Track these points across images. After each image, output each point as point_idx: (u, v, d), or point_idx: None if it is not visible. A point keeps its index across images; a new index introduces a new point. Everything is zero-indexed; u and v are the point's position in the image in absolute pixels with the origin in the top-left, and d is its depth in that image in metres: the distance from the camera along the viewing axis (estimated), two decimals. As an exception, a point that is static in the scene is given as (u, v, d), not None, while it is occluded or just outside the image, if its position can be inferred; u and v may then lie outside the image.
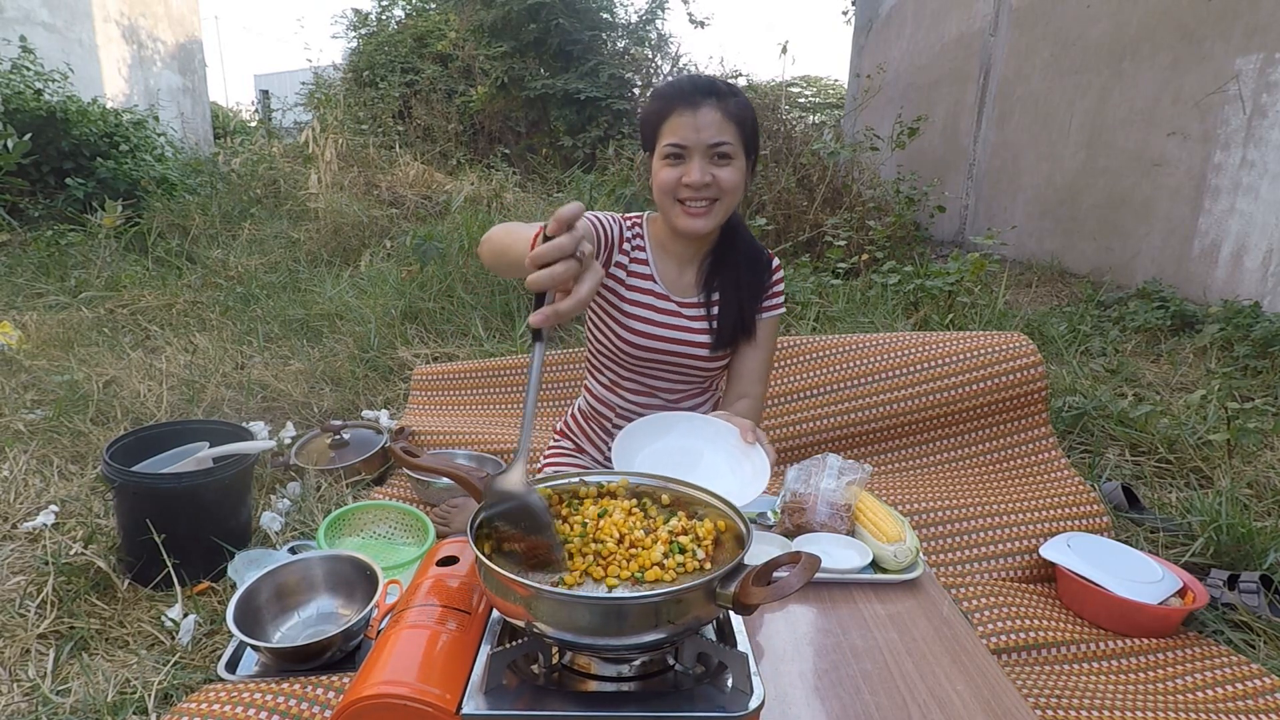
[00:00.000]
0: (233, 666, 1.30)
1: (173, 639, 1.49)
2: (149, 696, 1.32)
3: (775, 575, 0.65)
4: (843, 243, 4.66)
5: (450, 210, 5.37)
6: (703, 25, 14.24)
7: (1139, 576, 1.58)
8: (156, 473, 1.67)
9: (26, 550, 1.75)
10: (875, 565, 1.06)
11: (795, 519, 1.14)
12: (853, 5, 10.12)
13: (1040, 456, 2.11)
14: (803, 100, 13.50)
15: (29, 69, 6.07)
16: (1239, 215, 3.89)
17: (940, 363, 2.18)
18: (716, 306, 1.37)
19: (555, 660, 0.70)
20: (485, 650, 0.71)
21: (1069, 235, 5.31)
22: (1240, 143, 3.89)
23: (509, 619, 0.69)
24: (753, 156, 1.32)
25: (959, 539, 1.77)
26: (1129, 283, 4.62)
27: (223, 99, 20.43)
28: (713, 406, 1.50)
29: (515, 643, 0.68)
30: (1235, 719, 1.31)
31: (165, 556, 1.59)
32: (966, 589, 1.60)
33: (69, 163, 5.73)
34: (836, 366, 2.27)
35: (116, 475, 1.61)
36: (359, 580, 1.41)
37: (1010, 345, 2.17)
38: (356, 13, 10.51)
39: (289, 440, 2.44)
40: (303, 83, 9.54)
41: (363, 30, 10.33)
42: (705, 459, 1.12)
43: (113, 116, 6.23)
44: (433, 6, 10.50)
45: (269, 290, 4.18)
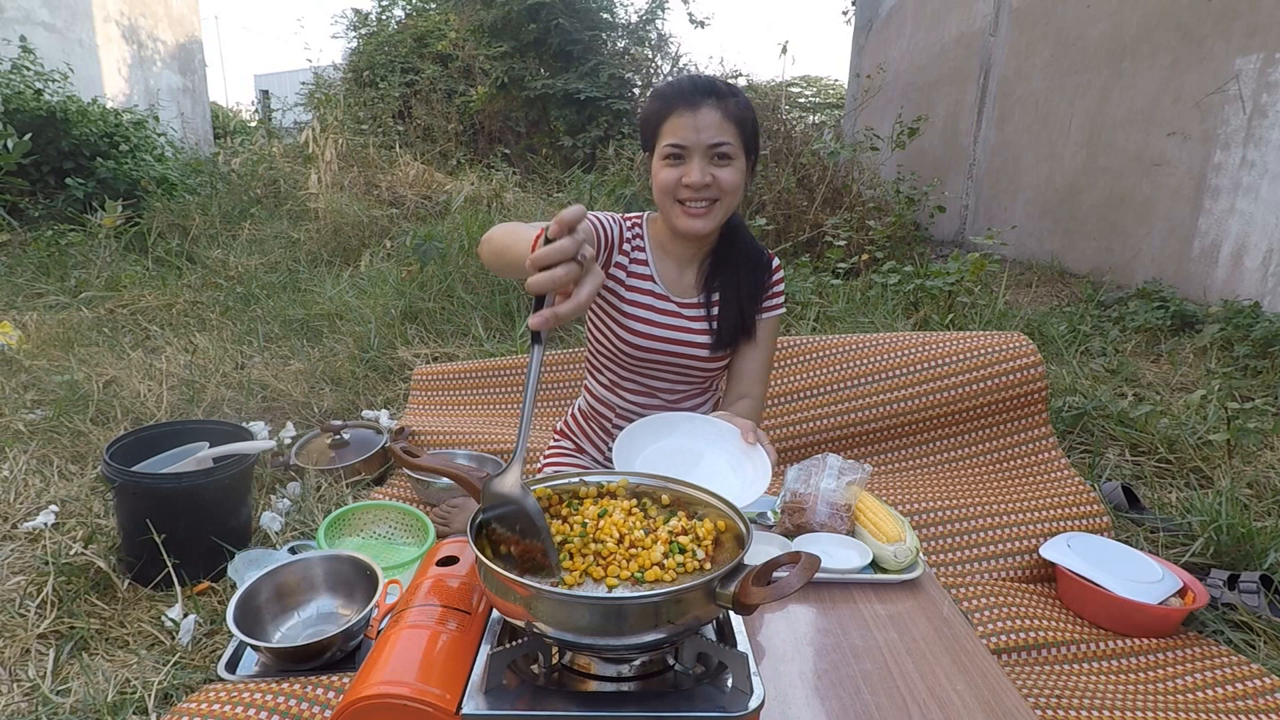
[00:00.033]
0: (233, 666, 1.30)
1: (173, 639, 1.49)
2: (149, 696, 1.32)
3: (775, 575, 0.65)
4: (843, 243, 4.66)
5: (450, 210, 5.37)
6: (703, 25, 14.23)
7: (1139, 576, 1.58)
8: (156, 473, 1.67)
9: (26, 550, 1.75)
10: (875, 565, 1.06)
11: (795, 519, 1.14)
12: (853, 5, 10.12)
13: (1040, 456, 2.11)
14: (803, 100, 13.49)
15: (29, 69, 6.08)
16: (1239, 215, 3.89)
17: (940, 363, 2.18)
18: (716, 307, 1.37)
19: (555, 660, 0.70)
20: (485, 650, 0.71)
21: (1069, 235, 5.31)
22: (1240, 143, 3.89)
23: (509, 619, 0.69)
24: (753, 157, 1.32)
25: (959, 539, 1.77)
26: (1129, 283, 4.62)
27: (223, 99, 20.47)
28: (713, 407, 1.50)
29: (515, 643, 0.68)
30: (1235, 719, 1.31)
31: (165, 556, 1.59)
32: (966, 589, 1.60)
33: (69, 163, 5.73)
34: (836, 366, 2.28)
35: (116, 475, 1.61)
36: (359, 580, 1.41)
37: (1010, 345, 2.17)
38: (356, 13, 10.51)
39: (289, 440, 2.44)
40: (303, 83, 9.53)
41: (363, 30, 10.33)
42: (706, 460, 1.12)
43: (113, 116, 6.24)
44: (433, 6, 10.50)
45: (269, 290, 4.18)
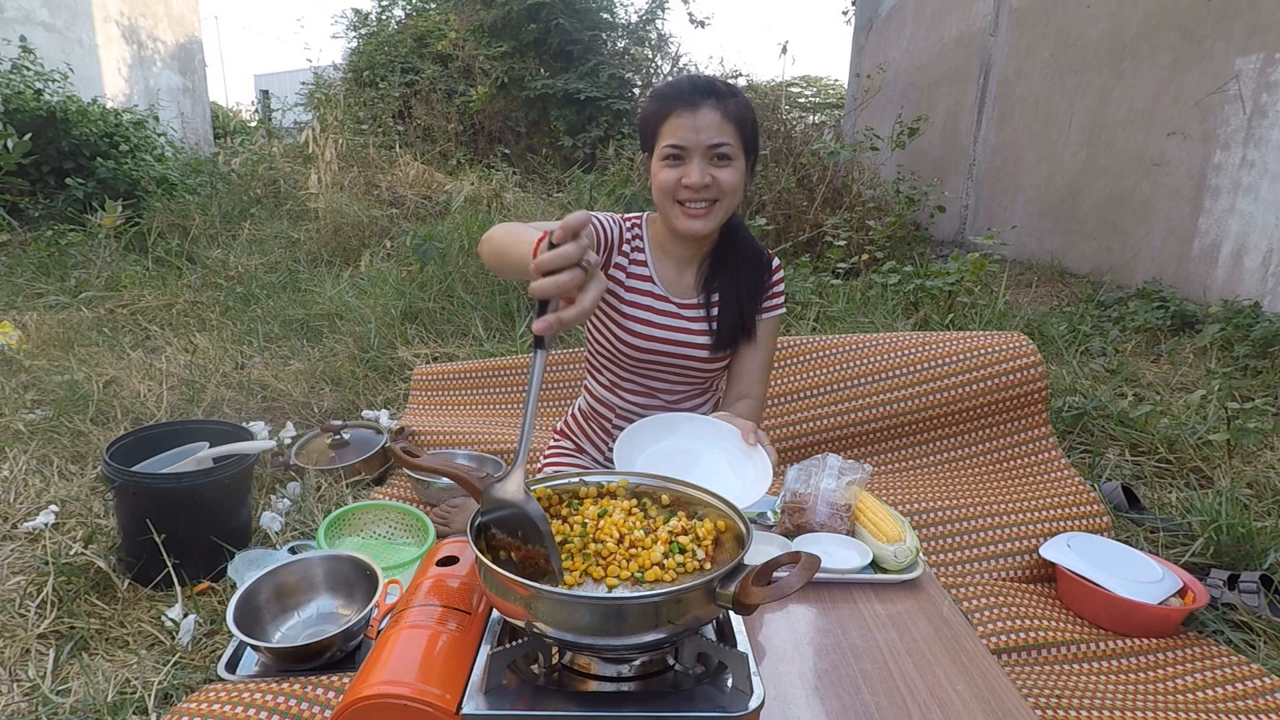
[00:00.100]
0: (233, 666, 1.30)
1: (173, 639, 1.49)
2: (149, 696, 1.32)
3: (775, 575, 0.65)
4: (843, 243, 4.66)
5: (450, 210, 5.37)
6: (703, 25, 14.22)
7: (1139, 576, 1.58)
8: (156, 473, 1.67)
9: (26, 550, 1.75)
10: (875, 565, 1.06)
11: (795, 519, 1.14)
12: (853, 5, 10.12)
13: (1040, 456, 2.11)
14: (803, 100, 13.48)
15: (29, 69, 6.07)
16: (1239, 215, 3.89)
17: (940, 363, 2.18)
18: (716, 308, 1.37)
19: (555, 660, 0.70)
20: (485, 650, 0.71)
21: (1069, 235, 5.31)
22: (1240, 143, 3.89)
23: (509, 619, 0.69)
24: (753, 157, 1.32)
25: (959, 539, 1.77)
26: (1129, 283, 4.62)
27: (223, 99, 20.46)
28: (713, 407, 1.50)
29: (515, 643, 0.68)
30: (1235, 719, 1.31)
31: (165, 556, 1.59)
32: (966, 589, 1.60)
33: (69, 163, 5.73)
34: (836, 366, 2.28)
35: (116, 475, 1.61)
36: (359, 580, 1.41)
37: (1010, 345, 2.17)
38: (356, 13, 10.52)
39: (289, 440, 2.44)
40: (303, 83, 9.53)
41: (363, 30, 10.33)
42: (707, 460, 1.12)
43: (113, 116, 6.24)
44: (433, 6, 10.50)
45: (269, 290, 4.18)
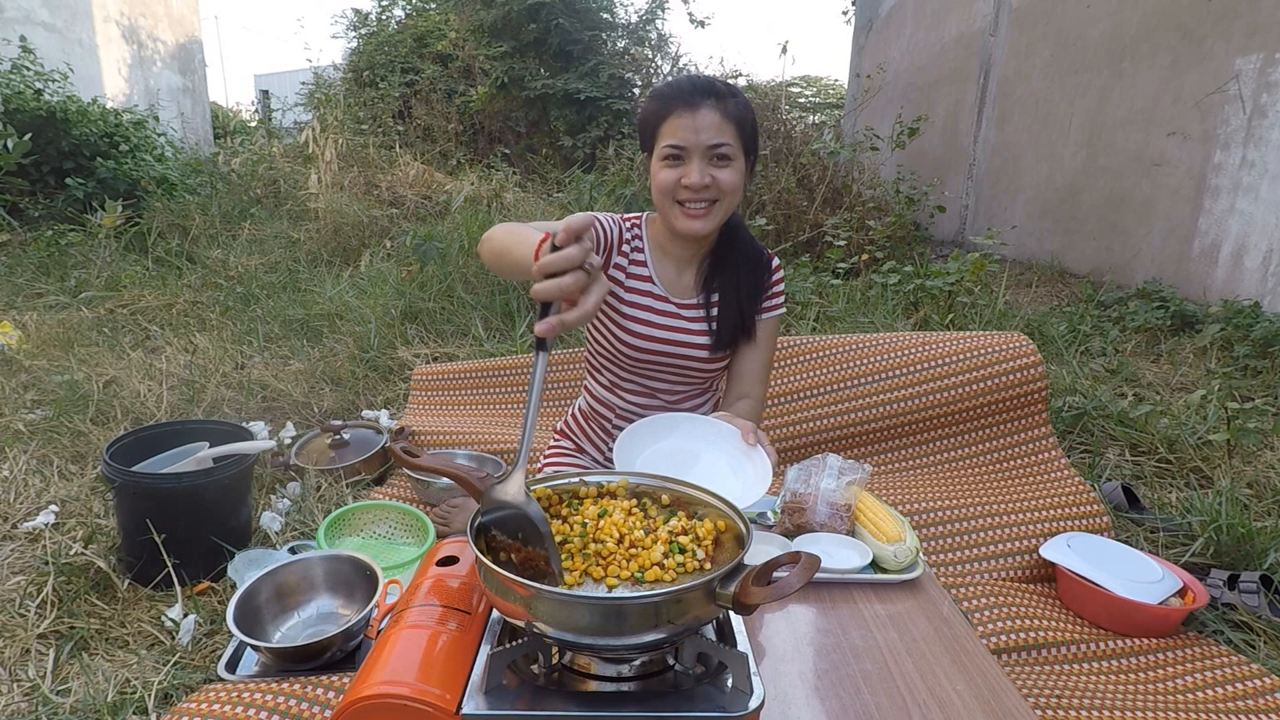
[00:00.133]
0: (233, 666, 1.30)
1: (173, 639, 1.49)
2: (149, 696, 1.32)
3: (775, 575, 0.65)
4: (843, 243, 4.66)
5: (450, 210, 5.38)
6: (703, 25, 14.21)
7: (1139, 576, 1.58)
8: (156, 473, 1.67)
9: (26, 550, 1.75)
10: (875, 565, 1.06)
11: (795, 519, 1.14)
12: (853, 5, 10.12)
13: (1040, 456, 2.11)
14: (803, 100, 13.48)
15: (29, 69, 6.07)
16: (1239, 215, 3.89)
17: (940, 363, 2.18)
18: (716, 308, 1.37)
19: (555, 660, 0.70)
20: (485, 650, 0.71)
21: (1069, 235, 5.31)
22: (1240, 143, 3.89)
23: (509, 619, 0.69)
24: (752, 157, 1.31)
25: (959, 539, 1.77)
26: (1129, 283, 4.62)
27: (223, 99, 20.47)
28: (713, 407, 1.50)
29: (515, 643, 0.68)
30: (1235, 719, 1.31)
31: (165, 556, 1.59)
32: (966, 589, 1.60)
33: (69, 163, 5.73)
34: (836, 366, 2.28)
35: (116, 475, 1.61)
36: (359, 580, 1.41)
37: (1010, 345, 2.17)
38: (356, 13, 10.52)
39: (289, 440, 2.44)
40: (303, 83, 9.53)
41: (363, 30, 10.33)
42: (706, 460, 1.12)
43: (113, 116, 6.23)
44: (433, 6, 10.50)
45: (269, 290, 4.18)
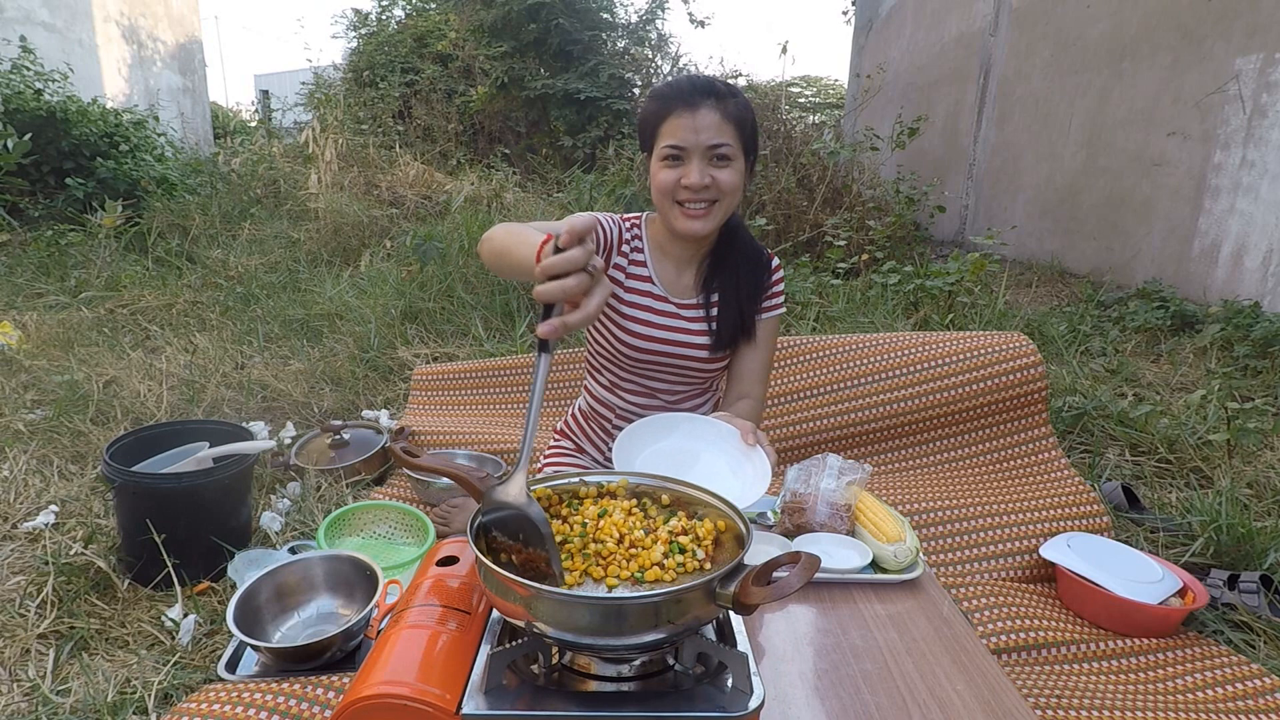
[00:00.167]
0: (233, 666, 1.30)
1: (173, 639, 1.49)
2: (149, 696, 1.32)
3: (775, 575, 0.65)
4: (843, 243, 4.66)
5: (450, 210, 5.37)
6: (703, 25, 14.21)
7: (1139, 576, 1.58)
8: (156, 473, 1.67)
9: (26, 550, 1.75)
10: (875, 565, 1.06)
11: (795, 519, 1.14)
12: (853, 5, 10.12)
13: (1040, 456, 2.11)
14: (803, 100, 13.48)
15: (29, 69, 6.07)
16: (1239, 215, 3.89)
17: (940, 363, 2.18)
18: (715, 308, 1.37)
19: (555, 660, 0.70)
20: (485, 650, 0.71)
21: (1069, 235, 5.31)
22: (1240, 143, 3.89)
23: (509, 619, 0.69)
24: (752, 157, 1.31)
25: (959, 539, 1.77)
26: (1129, 283, 4.62)
27: (223, 99, 20.47)
28: (713, 407, 1.50)
29: (515, 643, 0.68)
30: (1235, 719, 1.31)
31: (165, 556, 1.59)
32: (966, 589, 1.60)
33: (69, 163, 5.73)
34: (836, 366, 2.27)
35: (116, 475, 1.61)
36: (359, 580, 1.41)
37: (1010, 345, 2.17)
38: (356, 13, 10.52)
39: (289, 440, 2.44)
40: (303, 83, 9.53)
41: (363, 30, 10.33)
42: (706, 460, 1.12)
43: (113, 116, 6.23)
44: (433, 6, 10.50)
45: (269, 290, 4.18)
